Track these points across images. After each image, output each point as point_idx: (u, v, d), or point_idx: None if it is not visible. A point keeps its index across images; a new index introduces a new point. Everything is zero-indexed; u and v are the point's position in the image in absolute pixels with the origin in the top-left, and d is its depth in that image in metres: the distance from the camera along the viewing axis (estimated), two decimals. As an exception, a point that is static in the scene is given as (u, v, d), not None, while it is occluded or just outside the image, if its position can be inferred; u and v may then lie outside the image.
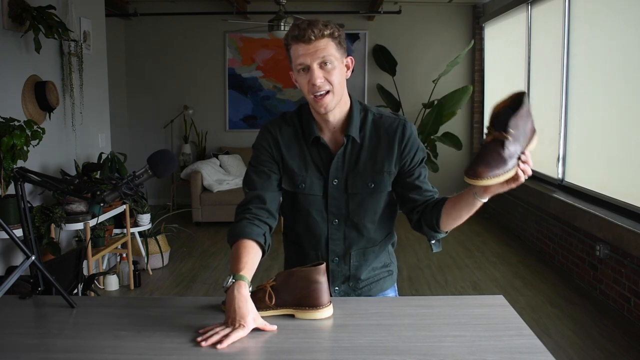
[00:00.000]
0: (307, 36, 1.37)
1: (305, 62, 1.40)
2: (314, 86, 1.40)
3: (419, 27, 7.00)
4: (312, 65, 1.39)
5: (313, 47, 1.38)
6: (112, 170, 4.15)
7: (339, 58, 1.42)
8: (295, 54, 1.41)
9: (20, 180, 1.40)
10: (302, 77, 1.42)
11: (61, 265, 2.54)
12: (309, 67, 1.40)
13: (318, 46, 1.38)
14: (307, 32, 1.37)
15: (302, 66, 1.41)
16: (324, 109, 1.43)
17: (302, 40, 1.38)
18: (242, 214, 1.48)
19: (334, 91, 1.42)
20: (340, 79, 1.43)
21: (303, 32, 1.38)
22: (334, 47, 1.40)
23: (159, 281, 4.32)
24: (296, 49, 1.40)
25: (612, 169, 3.83)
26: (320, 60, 1.39)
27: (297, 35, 1.39)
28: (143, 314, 1.36)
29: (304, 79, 1.42)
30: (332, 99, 1.42)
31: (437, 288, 4.10)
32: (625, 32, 3.65)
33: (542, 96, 5.03)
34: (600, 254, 3.68)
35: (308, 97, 1.44)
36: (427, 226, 1.49)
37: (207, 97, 7.12)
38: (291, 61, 1.45)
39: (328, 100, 1.42)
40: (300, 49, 1.39)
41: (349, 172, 1.51)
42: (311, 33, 1.37)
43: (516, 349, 1.18)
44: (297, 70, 1.43)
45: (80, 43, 4.01)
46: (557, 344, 3.10)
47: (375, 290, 1.62)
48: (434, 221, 1.46)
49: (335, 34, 1.41)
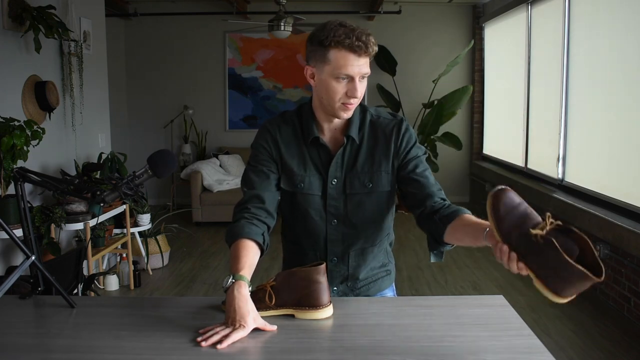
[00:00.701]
0: (364, 50, 1.36)
1: (351, 74, 1.38)
2: (352, 98, 1.40)
3: (419, 27, 7.00)
4: (356, 78, 1.38)
5: (362, 61, 1.38)
6: (112, 170, 4.15)
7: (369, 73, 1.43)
8: (339, 61, 1.37)
9: (20, 180, 1.39)
10: (339, 84, 1.40)
11: (61, 265, 2.54)
12: (352, 78, 1.39)
13: (365, 61, 1.38)
14: (367, 47, 1.36)
15: (345, 76, 1.38)
16: (347, 115, 1.45)
17: (355, 51, 1.36)
18: (240, 214, 1.48)
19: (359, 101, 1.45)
20: None
21: (362, 45, 1.35)
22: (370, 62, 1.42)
23: (159, 281, 4.32)
24: (345, 56, 1.36)
25: (612, 169, 3.83)
26: (363, 74, 1.39)
27: (354, 45, 1.35)
28: (143, 314, 1.36)
29: (340, 87, 1.40)
30: (354, 108, 1.46)
31: (437, 288, 4.10)
32: (625, 32, 3.65)
33: (542, 96, 5.03)
34: (600, 254, 3.68)
35: (335, 104, 1.42)
36: (431, 235, 1.46)
37: (207, 97, 7.12)
38: (325, 62, 1.39)
39: (352, 110, 1.46)
40: (351, 59, 1.36)
41: (348, 172, 1.51)
42: (370, 49, 1.36)
43: (516, 349, 1.18)
44: (334, 76, 1.39)
45: (80, 43, 4.00)
46: (557, 344, 3.10)
47: (373, 290, 1.62)
48: (439, 232, 1.41)
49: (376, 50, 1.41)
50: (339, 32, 1.35)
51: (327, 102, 1.44)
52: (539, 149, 5.14)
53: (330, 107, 1.44)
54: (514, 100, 5.70)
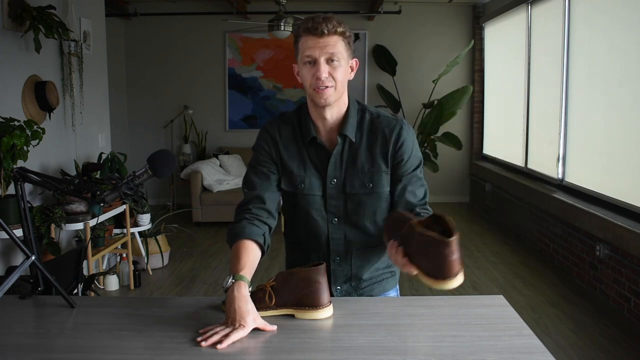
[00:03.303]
0: (320, 29, 1.38)
1: (313, 55, 1.40)
2: (318, 80, 1.40)
3: (419, 27, 7.00)
4: (320, 59, 1.39)
5: (323, 42, 1.39)
6: (112, 170, 4.15)
7: (345, 57, 1.43)
8: (304, 46, 1.41)
9: (20, 180, 1.39)
10: (307, 69, 1.42)
11: (61, 265, 2.54)
12: (316, 60, 1.40)
13: (328, 42, 1.39)
14: (321, 26, 1.38)
15: (309, 59, 1.41)
16: (324, 101, 1.43)
17: (314, 32, 1.39)
18: (241, 214, 1.48)
19: (336, 87, 1.43)
20: (343, 77, 1.44)
21: (316, 25, 1.38)
22: (343, 45, 1.42)
23: (159, 281, 4.32)
24: (306, 40, 1.41)
25: (612, 169, 3.83)
26: (328, 55, 1.40)
27: (309, 28, 1.39)
28: (143, 314, 1.36)
29: (308, 72, 1.42)
30: (333, 92, 1.43)
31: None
32: (625, 32, 3.65)
33: (542, 96, 5.03)
34: (600, 254, 3.68)
35: (309, 90, 1.44)
36: None
37: (207, 97, 7.12)
38: (297, 53, 1.45)
39: (329, 94, 1.43)
40: (310, 41, 1.40)
41: (347, 171, 1.51)
42: (325, 27, 1.38)
43: (516, 349, 1.18)
44: (302, 63, 1.43)
45: (80, 43, 4.00)
46: (557, 344, 3.10)
47: (377, 290, 1.62)
48: None
49: (347, 33, 1.42)
50: (305, 22, 1.41)
51: (307, 92, 1.46)
52: (539, 149, 5.14)
53: (310, 96, 1.47)
54: (514, 100, 5.70)
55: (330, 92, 1.42)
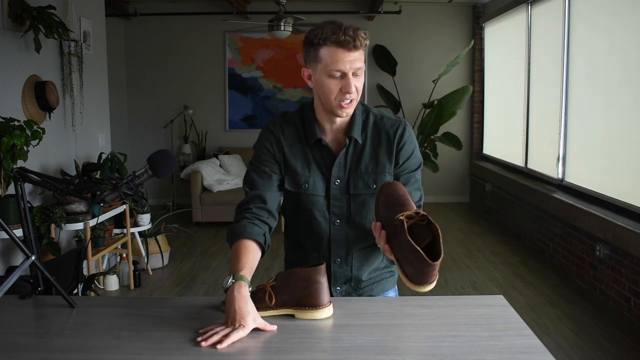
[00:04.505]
0: (352, 44, 1.36)
1: (343, 69, 1.38)
2: (347, 94, 1.40)
3: (419, 27, 7.00)
4: (349, 73, 1.38)
5: (353, 56, 1.37)
6: (112, 170, 4.15)
7: (364, 68, 1.43)
8: (331, 58, 1.38)
9: (20, 180, 1.39)
10: (333, 82, 1.40)
11: (61, 265, 2.54)
12: (345, 74, 1.39)
13: (356, 56, 1.38)
14: (354, 40, 1.36)
15: (338, 72, 1.39)
16: (346, 114, 1.45)
17: (344, 46, 1.36)
18: (242, 214, 1.48)
19: (357, 99, 1.44)
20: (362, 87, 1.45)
21: (349, 39, 1.35)
22: (364, 57, 1.42)
23: (159, 281, 4.32)
24: (334, 52, 1.37)
25: (612, 169, 3.83)
26: (355, 69, 1.39)
27: (341, 41, 1.36)
28: (143, 314, 1.36)
29: (334, 85, 1.40)
30: (354, 105, 1.45)
31: (437, 288, 4.06)
32: (625, 32, 3.65)
33: (542, 96, 5.03)
34: (600, 254, 3.68)
35: (332, 102, 1.42)
36: None
37: (207, 97, 7.12)
38: (318, 61, 1.40)
39: (353, 106, 1.45)
40: (340, 54, 1.37)
41: (351, 173, 1.51)
42: (358, 41, 1.36)
43: (516, 349, 1.18)
44: (327, 74, 1.40)
45: (80, 43, 4.00)
46: (557, 344, 3.10)
47: (377, 290, 1.62)
48: None
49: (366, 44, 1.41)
50: (326, 29, 1.37)
51: (325, 102, 1.44)
52: (539, 149, 5.14)
53: (329, 106, 1.44)
54: (514, 100, 5.70)
55: (353, 105, 1.45)
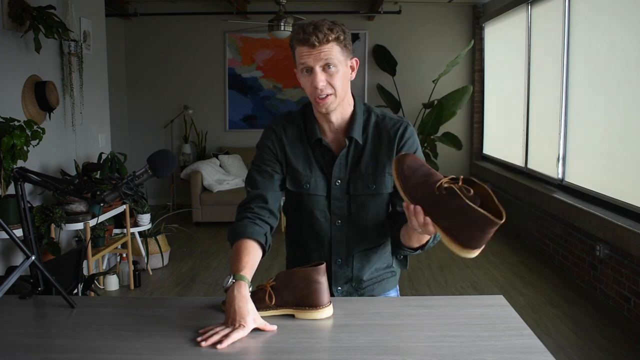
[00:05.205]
0: (311, 41, 1.37)
1: (308, 64, 1.40)
2: (316, 89, 1.40)
3: (419, 27, 7.00)
4: (315, 67, 1.39)
5: (317, 51, 1.38)
6: (112, 170, 4.15)
7: (342, 61, 1.42)
8: (299, 55, 1.41)
9: (20, 180, 1.39)
10: (305, 78, 1.42)
11: (61, 265, 2.54)
12: (312, 69, 1.40)
13: (322, 50, 1.38)
14: (312, 37, 1.37)
15: (305, 68, 1.41)
16: (325, 109, 1.44)
17: (305, 43, 1.39)
18: (243, 213, 1.48)
19: (336, 94, 1.42)
20: (343, 82, 1.43)
21: (307, 37, 1.38)
22: (338, 50, 1.40)
23: (159, 281, 4.32)
24: (300, 50, 1.40)
25: (612, 169, 3.83)
26: (324, 63, 1.39)
27: (301, 39, 1.39)
28: (143, 314, 1.36)
29: (307, 81, 1.42)
30: (333, 100, 1.43)
31: (437, 288, 4.10)
32: (625, 32, 3.65)
33: (542, 96, 5.03)
34: (600, 254, 3.68)
35: (311, 98, 1.45)
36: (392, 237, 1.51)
37: (207, 97, 7.12)
38: (295, 61, 1.45)
39: (329, 102, 1.43)
40: (304, 51, 1.39)
41: (352, 173, 1.50)
42: (315, 38, 1.37)
43: (516, 349, 1.18)
44: (300, 71, 1.43)
45: (80, 43, 4.00)
46: (557, 344, 3.10)
47: (378, 290, 1.62)
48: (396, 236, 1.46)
49: (341, 37, 1.40)
50: (297, 32, 1.41)
51: (310, 100, 1.47)
52: (539, 149, 5.14)
53: (313, 106, 1.48)
54: (514, 100, 5.70)
55: (330, 100, 1.43)
